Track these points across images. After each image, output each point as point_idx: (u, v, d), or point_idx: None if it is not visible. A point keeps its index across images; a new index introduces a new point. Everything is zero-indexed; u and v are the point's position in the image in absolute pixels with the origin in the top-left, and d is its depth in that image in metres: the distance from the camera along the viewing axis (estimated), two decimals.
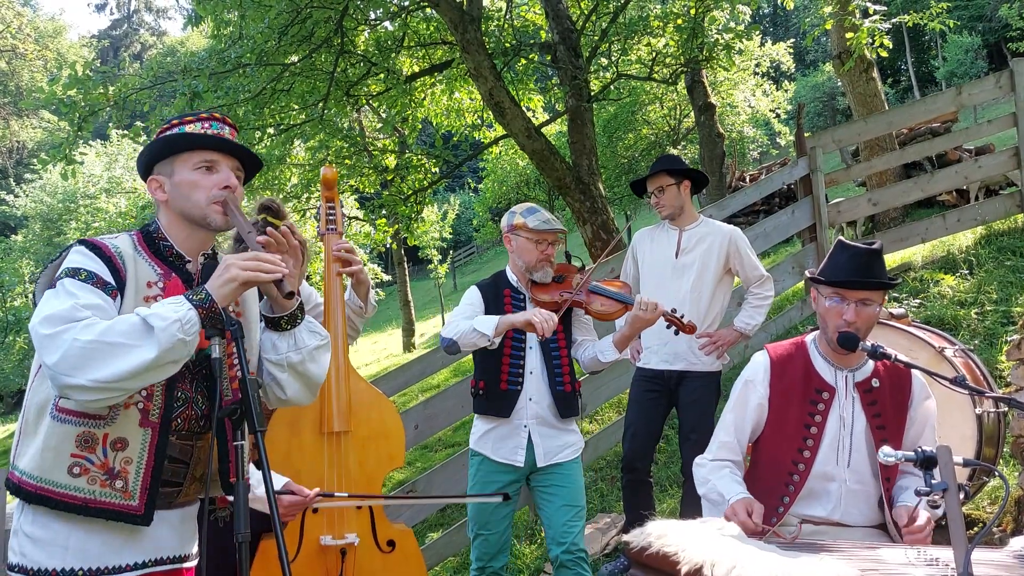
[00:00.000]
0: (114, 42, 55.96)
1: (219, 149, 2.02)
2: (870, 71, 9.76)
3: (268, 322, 2.07)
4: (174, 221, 2.02)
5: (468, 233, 36.12)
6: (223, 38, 8.95)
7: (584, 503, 3.37)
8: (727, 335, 4.11)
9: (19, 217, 29.71)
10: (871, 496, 2.56)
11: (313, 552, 2.73)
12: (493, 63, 7.26)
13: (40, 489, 1.82)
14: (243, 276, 1.87)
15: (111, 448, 1.85)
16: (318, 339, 2.10)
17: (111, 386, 1.71)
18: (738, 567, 1.81)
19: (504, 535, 3.37)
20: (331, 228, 3.07)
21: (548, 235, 3.33)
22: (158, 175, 2.02)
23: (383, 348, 20.48)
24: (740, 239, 4.16)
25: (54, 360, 1.70)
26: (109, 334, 1.73)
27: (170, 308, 1.79)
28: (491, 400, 3.32)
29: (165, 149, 2.01)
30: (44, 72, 36.91)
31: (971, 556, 1.60)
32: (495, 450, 3.34)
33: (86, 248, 1.90)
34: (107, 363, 1.70)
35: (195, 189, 1.98)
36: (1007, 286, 6.25)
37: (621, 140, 20.13)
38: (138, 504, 1.88)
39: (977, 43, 30.75)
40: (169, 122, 2.06)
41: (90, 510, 1.83)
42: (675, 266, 4.12)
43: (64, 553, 1.84)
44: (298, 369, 2.07)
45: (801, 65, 37.07)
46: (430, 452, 7.92)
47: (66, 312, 1.75)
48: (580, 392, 3.43)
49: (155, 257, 1.99)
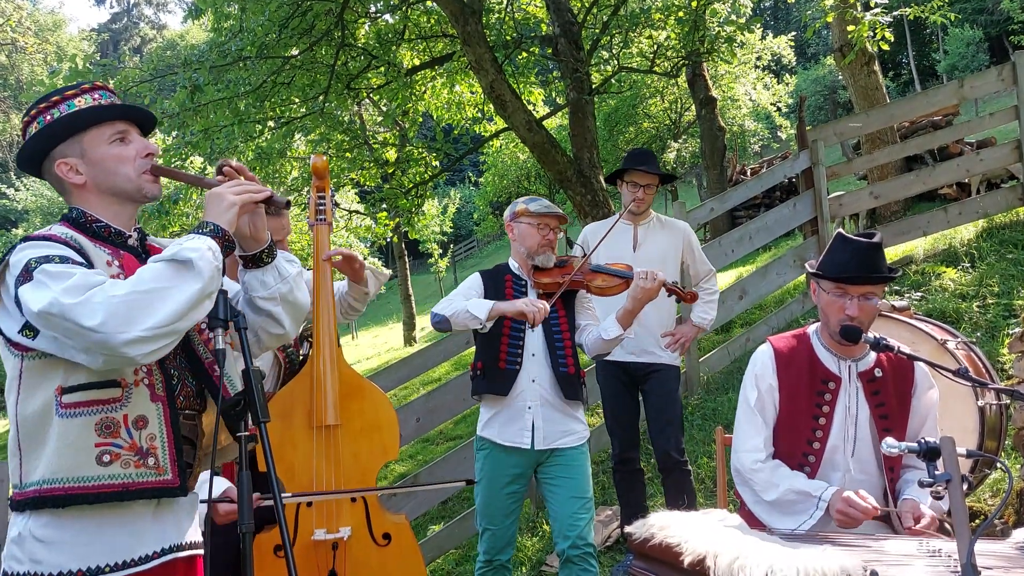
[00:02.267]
0: (114, 35, 55.89)
1: (126, 118, 1.95)
2: (871, 64, 9.75)
3: (247, 261, 2.02)
4: (99, 201, 1.93)
5: (469, 227, 36.12)
6: (223, 31, 8.92)
7: (591, 494, 3.36)
8: (688, 331, 4.23)
9: (19, 211, 29.72)
10: (875, 486, 2.56)
11: (305, 546, 2.71)
12: (494, 56, 7.24)
13: (71, 490, 1.75)
14: (239, 199, 1.87)
15: (135, 427, 1.82)
16: (296, 266, 2.11)
17: (167, 330, 1.68)
18: (741, 558, 1.81)
19: (511, 529, 3.38)
20: (321, 219, 2.97)
21: (550, 219, 3.39)
22: (66, 158, 1.91)
23: (384, 342, 20.48)
24: (692, 235, 4.35)
25: (98, 321, 1.62)
26: (141, 283, 1.68)
27: (195, 241, 1.77)
28: (489, 379, 3.33)
29: (69, 128, 1.90)
30: (44, 66, 36.89)
31: (974, 547, 1.60)
32: (501, 433, 3.34)
33: (37, 240, 1.81)
34: (155, 308, 1.66)
35: (120, 163, 1.91)
36: (1009, 279, 6.25)
37: (622, 134, 20.11)
38: (172, 477, 1.86)
39: (979, 36, 30.67)
40: (47, 99, 1.93)
41: (131, 493, 1.79)
42: (634, 260, 4.12)
43: (87, 551, 1.78)
44: (288, 299, 2.06)
45: (802, 58, 36.98)
46: (431, 445, 7.93)
47: (80, 280, 1.67)
48: (584, 381, 3.43)
49: (95, 239, 1.91)
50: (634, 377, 4.27)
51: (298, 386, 2.83)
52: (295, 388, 2.83)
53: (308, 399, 2.80)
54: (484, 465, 3.38)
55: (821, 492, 2.42)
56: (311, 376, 2.81)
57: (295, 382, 2.84)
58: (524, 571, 4.57)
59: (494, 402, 3.36)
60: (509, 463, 3.33)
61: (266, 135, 9.73)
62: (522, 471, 3.36)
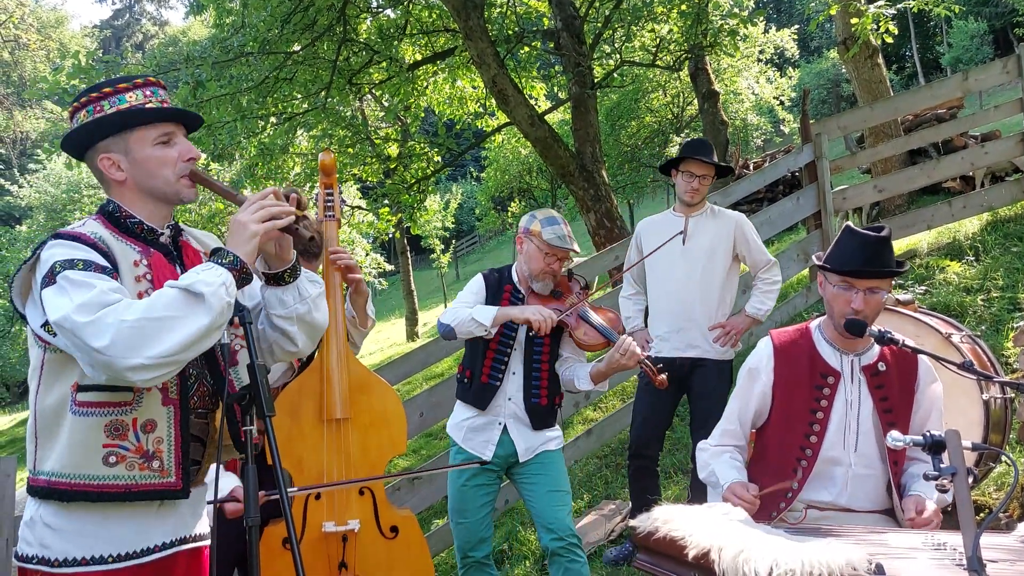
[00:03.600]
0: (116, 32, 55.86)
1: (174, 120, 1.97)
2: (875, 57, 9.71)
3: (270, 279, 2.03)
4: (137, 198, 1.96)
5: (471, 222, 36.07)
6: (225, 27, 8.93)
7: (569, 487, 3.37)
8: (739, 322, 4.10)
9: (23, 207, 29.73)
10: (879, 481, 2.56)
11: (315, 538, 2.73)
12: (496, 50, 7.24)
13: (76, 486, 1.80)
14: (262, 228, 1.85)
15: (142, 431, 1.85)
16: (318, 287, 2.11)
17: (170, 360, 1.69)
18: (745, 551, 1.81)
19: (484, 522, 3.35)
20: (329, 215, 3.00)
21: (559, 251, 3.30)
22: (109, 153, 1.93)
23: (386, 337, 20.51)
24: (746, 224, 4.17)
25: (104, 344, 1.65)
26: (153, 310, 1.70)
27: (210, 274, 1.77)
28: (472, 391, 3.35)
29: (118, 125, 1.92)
30: (47, 62, 36.91)
31: (979, 540, 1.60)
32: (466, 440, 3.37)
33: (66, 240, 1.83)
34: (161, 338, 1.68)
35: (162, 166, 1.92)
36: (1013, 272, 6.23)
37: (624, 128, 20.09)
38: (175, 480, 1.89)
39: (983, 28, 30.55)
40: (99, 89, 1.94)
41: (133, 495, 1.83)
42: (683, 252, 4.11)
43: (94, 541, 1.83)
44: (306, 319, 2.06)
45: (805, 52, 36.88)
46: (434, 440, 7.94)
47: (95, 298, 1.70)
48: (560, 404, 3.46)
49: (127, 235, 1.93)
50: (678, 374, 4.06)
51: (307, 380, 2.85)
52: (304, 382, 2.85)
53: (317, 393, 2.82)
54: (455, 458, 3.41)
55: (726, 481, 2.54)
56: (320, 370, 2.83)
57: (304, 376, 2.86)
58: (528, 565, 4.58)
59: (469, 408, 3.39)
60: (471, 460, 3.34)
61: (268, 131, 9.73)
62: (489, 478, 3.38)
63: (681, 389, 4.18)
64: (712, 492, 2.68)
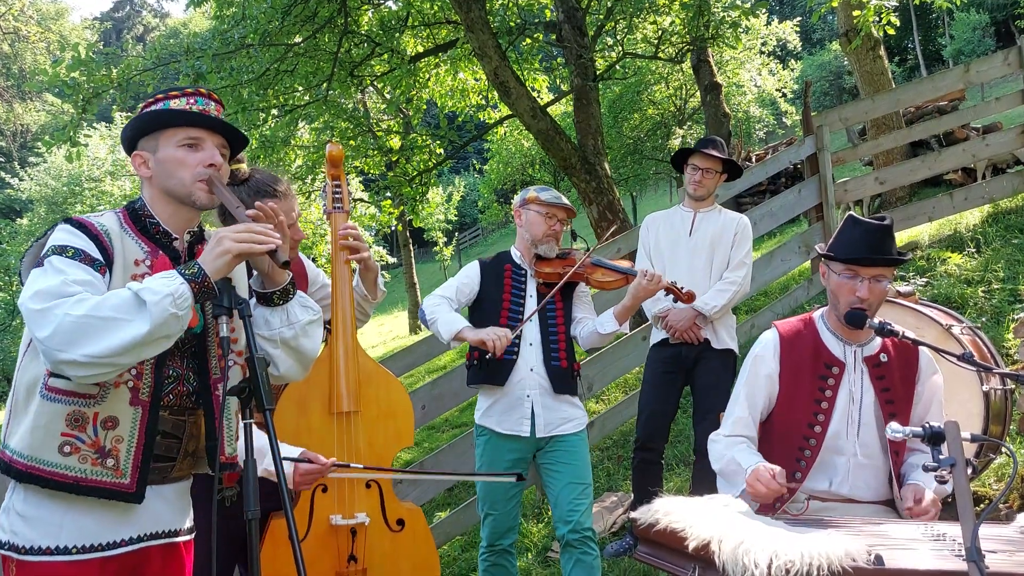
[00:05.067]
0: (117, 24, 55.79)
1: (204, 126, 2.00)
2: (877, 49, 9.68)
3: (260, 298, 2.06)
4: (158, 198, 2.00)
5: (473, 215, 36.05)
6: (226, 19, 8.90)
7: (591, 480, 3.38)
8: (681, 315, 4.04)
9: (24, 200, 29.69)
10: (880, 471, 2.57)
11: (323, 532, 2.73)
12: (498, 42, 7.21)
13: (31, 468, 1.82)
14: (236, 248, 1.85)
15: (102, 427, 1.85)
16: (310, 313, 2.11)
17: (104, 361, 1.71)
18: (745, 543, 1.81)
19: (513, 514, 3.40)
20: (337, 207, 2.99)
21: (558, 210, 3.40)
22: (142, 150, 2.00)
23: (389, 330, 20.51)
24: (748, 227, 4.22)
25: (46, 335, 1.69)
26: (101, 309, 1.72)
27: (162, 283, 1.78)
28: (486, 369, 3.36)
29: (150, 124, 1.98)
30: (47, 54, 36.86)
31: (978, 531, 1.61)
32: (500, 422, 3.36)
33: (72, 226, 1.88)
34: (99, 338, 1.70)
35: (180, 167, 1.96)
36: (1014, 264, 6.23)
37: (627, 120, 20.03)
38: (129, 482, 1.88)
39: (985, 20, 30.46)
40: (155, 96, 2.03)
41: (81, 488, 1.83)
42: (688, 244, 4.16)
43: (58, 531, 1.84)
44: (291, 344, 2.08)
45: (808, 44, 36.76)
46: (437, 433, 7.95)
47: (56, 287, 1.74)
48: (579, 372, 3.45)
49: (142, 235, 1.97)
50: (683, 363, 4.12)
51: (315, 373, 2.83)
52: (312, 375, 2.82)
53: (325, 385, 2.82)
54: (484, 451, 3.41)
55: (749, 465, 2.47)
56: (328, 363, 2.83)
57: (312, 369, 2.84)
58: (530, 557, 4.59)
59: (492, 391, 3.38)
60: (508, 448, 3.36)
61: (270, 123, 9.72)
62: (522, 455, 3.38)
63: (686, 380, 4.20)
64: (724, 483, 2.65)
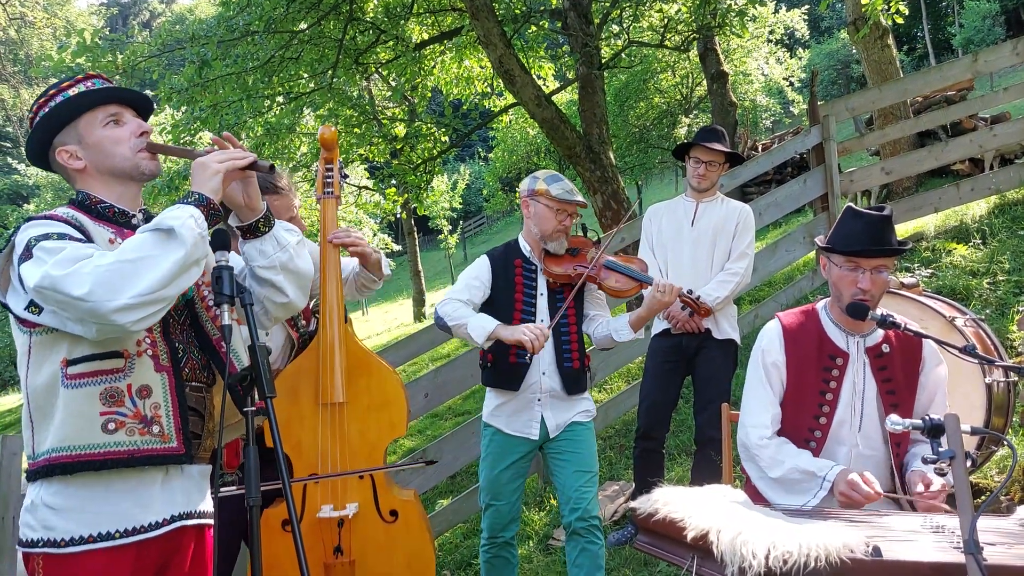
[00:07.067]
0: (123, 10, 55.69)
1: (117, 101, 2.01)
2: (885, 38, 9.62)
3: (245, 231, 2.08)
4: (101, 182, 2.00)
5: (478, 203, 36.05)
6: (231, 5, 8.87)
7: (597, 468, 3.36)
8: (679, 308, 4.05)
9: (31, 186, 29.79)
10: (881, 463, 2.57)
11: (311, 523, 2.72)
12: (503, 30, 7.18)
13: (78, 457, 1.81)
14: (222, 167, 1.91)
15: (138, 396, 1.88)
16: (295, 234, 2.15)
17: (153, 297, 1.72)
18: (743, 533, 1.82)
19: (515, 505, 3.38)
20: (328, 192, 2.90)
21: (569, 206, 3.25)
22: (66, 145, 1.99)
23: (394, 318, 20.53)
24: (750, 217, 4.22)
25: (86, 290, 1.67)
26: (126, 253, 1.73)
27: (176, 211, 1.81)
28: (500, 373, 3.29)
29: (67, 115, 1.97)
30: (53, 40, 36.76)
31: (977, 523, 1.61)
32: (508, 424, 3.33)
33: (39, 220, 1.87)
34: (140, 276, 1.71)
35: (116, 144, 1.98)
36: (1020, 256, 6.21)
37: (632, 109, 19.98)
38: (177, 445, 1.92)
39: (995, 9, 30.21)
40: (46, 94, 2.02)
41: (136, 460, 1.85)
42: (691, 234, 4.15)
43: (97, 517, 1.84)
44: (289, 267, 2.11)
45: (815, 32, 36.56)
46: (440, 420, 7.98)
47: (70, 254, 1.73)
48: (589, 366, 3.41)
49: (100, 220, 1.97)
50: (685, 353, 4.13)
51: (305, 362, 2.81)
52: (302, 364, 2.81)
53: (315, 375, 2.78)
54: (489, 445, 3.38)
55: (826, 472, 2.41)
56: (318, 352, 2.79)
57: (302, 357, 2.83)
58: (531, 545, 4.61)
59: (503, 393, 3.34)
60: (516, 446, 3.34)
61: (275, 110, 9.71)
62: (529, 449, 3.37)
63: (687, 370, 4.21)
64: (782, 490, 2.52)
